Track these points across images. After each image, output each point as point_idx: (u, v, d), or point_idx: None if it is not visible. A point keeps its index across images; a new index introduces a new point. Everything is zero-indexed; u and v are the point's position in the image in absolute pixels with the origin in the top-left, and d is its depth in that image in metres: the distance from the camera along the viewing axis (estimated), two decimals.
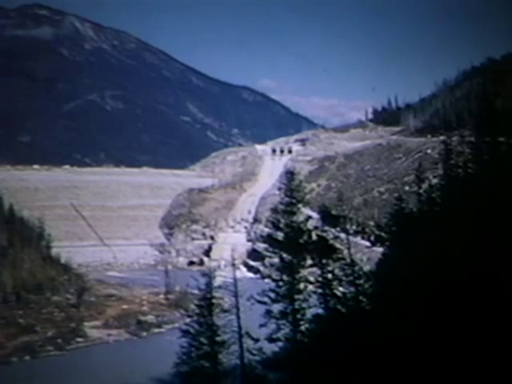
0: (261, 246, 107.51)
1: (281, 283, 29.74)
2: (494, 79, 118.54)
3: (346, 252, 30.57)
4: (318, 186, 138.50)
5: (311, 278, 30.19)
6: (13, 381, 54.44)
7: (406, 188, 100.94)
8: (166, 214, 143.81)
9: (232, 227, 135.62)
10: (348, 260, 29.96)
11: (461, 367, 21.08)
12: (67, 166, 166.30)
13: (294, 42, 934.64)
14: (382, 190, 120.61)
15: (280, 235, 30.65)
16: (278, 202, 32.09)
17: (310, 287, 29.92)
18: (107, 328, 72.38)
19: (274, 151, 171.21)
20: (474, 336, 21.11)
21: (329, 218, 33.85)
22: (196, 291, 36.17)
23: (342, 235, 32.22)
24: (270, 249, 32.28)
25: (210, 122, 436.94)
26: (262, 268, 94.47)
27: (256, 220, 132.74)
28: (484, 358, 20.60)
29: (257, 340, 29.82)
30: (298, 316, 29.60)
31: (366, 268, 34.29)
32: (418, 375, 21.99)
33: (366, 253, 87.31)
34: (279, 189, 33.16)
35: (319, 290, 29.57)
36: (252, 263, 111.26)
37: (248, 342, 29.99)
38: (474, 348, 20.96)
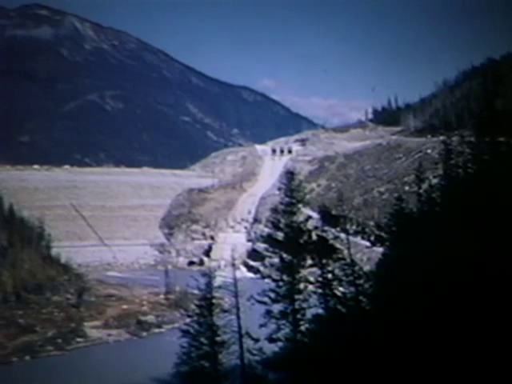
0: (261, 246, 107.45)
1: (281, 283, 29.77)
2: (494, 79, 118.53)
3: (346, 252, 30.60)
4: (318, 186, 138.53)
5: (311, 278, 30.21)
6: (13, 381, 54.42)
7: (406, 188, 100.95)
8: (165, 214, 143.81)
9: (232, 227, 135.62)
10: (348, 260, 29.99)
11: (461, 367, 21.09)
12: (67, 166, 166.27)
13: (294, 42, 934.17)
14: (382, 190, 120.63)
15: (280, 235, 30.68)
16: (278, 202, 32.10)
17: (310, 287, 29.94)
18: (107, 328, 72.35)
19: (273, 151, 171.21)
20: (474, 336, 21.12)
21: (329, 218, 33.92)
22: (196, 291, 36.20)
23: (342, 235, 32.24)
24: (270, 249, 32.32)
25: (209, 122, 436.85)
26: (262, 268, 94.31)
27: (256, 220, 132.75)
28: (485, 358, 20.60)
29: (257, 340, 29.84)
30: (298, 316, 29.62)
31: (366, 268, 34.31)
32: (418, 375, 21.99)
33: (365, 253, 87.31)
34: (279, 189, 33.18)
35: (319, 290, 29.59)
36: (252, 263, 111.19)
37: (248, 342, 30.02)
38: (475, 348, 20.96)
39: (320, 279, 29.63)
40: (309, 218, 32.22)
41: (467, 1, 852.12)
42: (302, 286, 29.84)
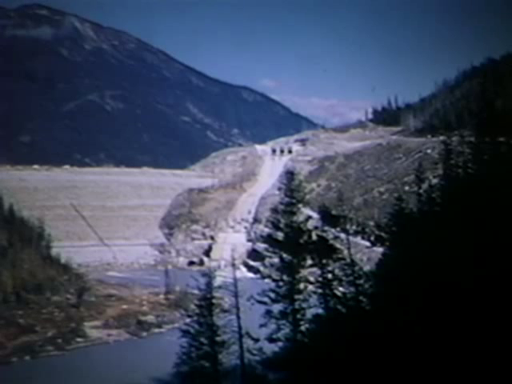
0: (261, 246, 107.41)
1: (281, 283, 29.74)
2: (494, 79, 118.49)
3: (346, 252, 30.56)
4: (318, 186, 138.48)
5: (311, 278, 30.19)
6: (13, 381, 54.40)
7: (406, 188, 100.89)
8: (166, 214, 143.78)
9: (232, 227, 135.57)
10: (348, 260, 29.96)
11: (461, 367, 21.09)
12: (67, 166, 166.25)
13: (293, 42, 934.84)
14: (382, 190, 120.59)
15: (280, 235, 30.64)
16: (277, 202, 32.07)
17: (310, 287, 29.92)
18: (107, 328, 72.35)
19: (273, 151, 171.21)
20: (474, 336, 21.12)
21: (329, 218, 33.84)
22: (196, 291, 36.20)
23: (342, 235, 32.19)
24: (270, 249, 32.28)
25: (209, 122, 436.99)
26: (262, 268, 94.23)
27: (256, 220, 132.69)
28: (485, 358, 20.60)
29: (257, 340, 29.82)
30: (298, 316, 29.59)
31: (366, 268, 34.29)
32: (418, 375, 21.99)
33: (365, 253, 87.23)
34: (279, 189, 33.15)
35: (319, 290, 29.56)
36: (252, 263, 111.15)
37: (248, 342, 30.00)
38: (474, 348, 20.96)
39: (320, 279, 29.61)
40: (309, 218, 32.16)
41: (467, 1, 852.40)
42: (302, 286, 29.81)
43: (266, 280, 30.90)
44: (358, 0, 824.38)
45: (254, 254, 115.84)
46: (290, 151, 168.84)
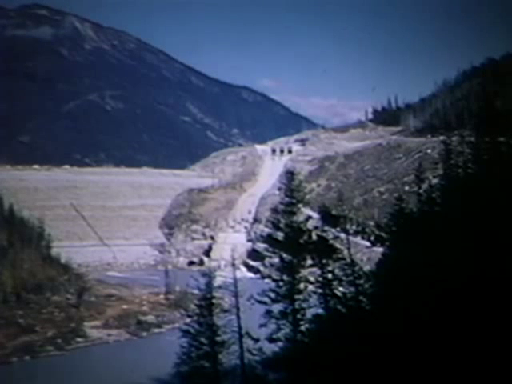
0: (261, 246, 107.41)
1: (281, 283, 29.72)
2: (494, 79, 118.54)
3: (346, 252, 30.54)
4: (318, 186, 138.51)
5: (311, 278, 30.17)
6: (13, 381, 54.42)
7: (406, 188, 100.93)
8: (166, 214, 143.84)
9: (232, 227, 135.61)
10: (348, 260, 29.94)
11: (461, 367, 21.09)
12: (67, 166, 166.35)
13: (293, 42, 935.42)
14: (382, 189, 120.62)
15: (280, 235, 30.62)
16: (277, 202, 32.08)
17: (310, 287, 29.90)
18: (107, 328, 72.34)
19: (273, 151, 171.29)
20: (474, 336, 21.12)
21: (329, 218, 33.83)
22: (196, 291, 36.16)
23: (342, 235, 32.18)
24: (270, 249, 32.24)
25: (209, 122, 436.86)
26: (262, 268, 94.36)
27: (256, 220, 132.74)
28: (485, 359, 20.60)
29: (257, 340, 29.79)
30: (298, 316, 29.57)
31: (366, 268, 34.29)
32: (418, 375, 21.99)
33: (365, 253, 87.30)
34: (279, 189, 33.21)
35: (319, 290, 29.55)
36: (252, 263, 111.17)
37: (248, 342, 29.96)
38: (474, 348, 20.96)
39: (320, 279, 29.60)
40: (309, 218, 32.15)
41: (467, 1, 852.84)
42: (302, 285, 29.78)
43: (266, 280, 30.88)
44: (358, 0, 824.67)
45: (254, 254, 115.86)
46: (289, 151, 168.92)
